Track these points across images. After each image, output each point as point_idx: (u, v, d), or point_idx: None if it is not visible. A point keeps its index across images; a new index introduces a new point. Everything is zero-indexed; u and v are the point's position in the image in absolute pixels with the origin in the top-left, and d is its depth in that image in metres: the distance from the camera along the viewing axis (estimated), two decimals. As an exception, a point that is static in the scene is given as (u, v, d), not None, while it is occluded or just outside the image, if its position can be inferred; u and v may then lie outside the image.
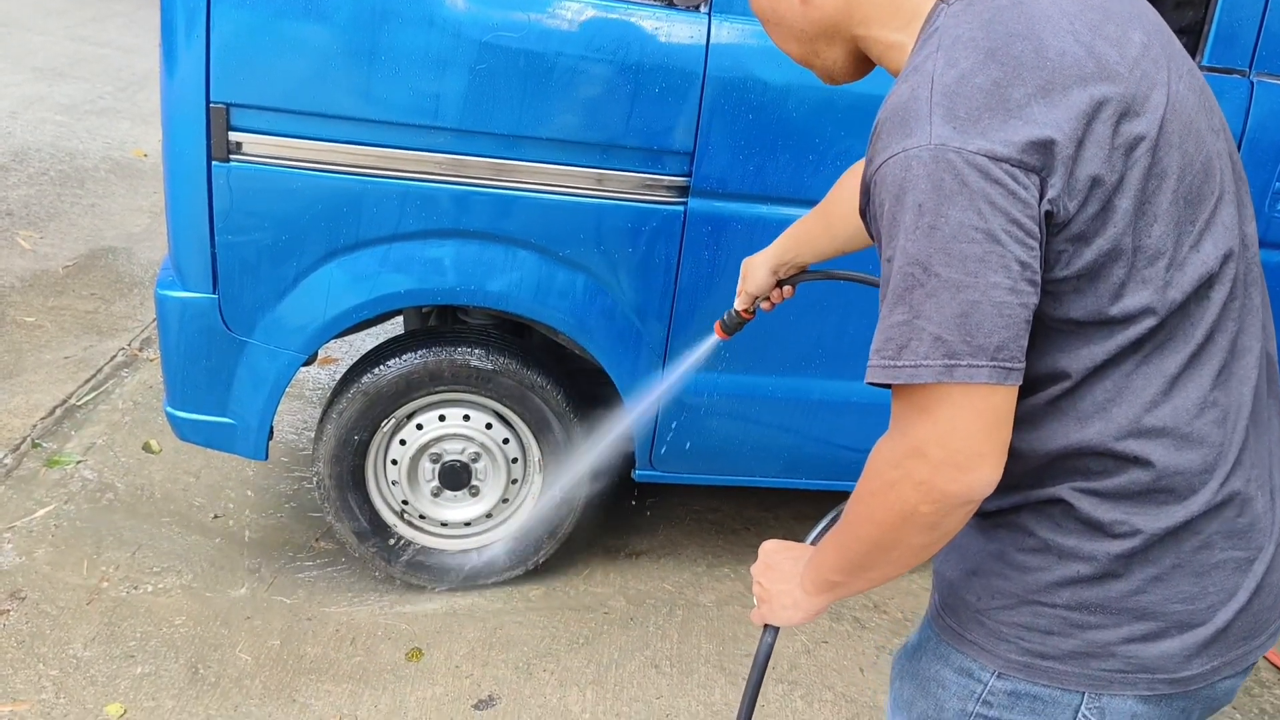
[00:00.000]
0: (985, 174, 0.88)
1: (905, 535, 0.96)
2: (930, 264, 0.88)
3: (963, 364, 0.88)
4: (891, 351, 0.91)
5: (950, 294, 0.88)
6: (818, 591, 1.11)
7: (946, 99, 0.90)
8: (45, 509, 2.79)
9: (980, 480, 0.92)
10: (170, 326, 2.26)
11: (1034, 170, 0.89)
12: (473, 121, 2.11)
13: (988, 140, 0.88)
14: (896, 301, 0.90)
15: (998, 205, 0.88)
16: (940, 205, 0.88)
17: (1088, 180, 0.91)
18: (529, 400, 2.45)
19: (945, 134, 0.88)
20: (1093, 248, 0.93)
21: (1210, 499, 1.00)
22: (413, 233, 2.21)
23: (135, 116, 6.29)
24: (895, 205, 0.90)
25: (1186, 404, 0.99)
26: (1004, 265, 0.88)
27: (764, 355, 2.43)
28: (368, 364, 2.41)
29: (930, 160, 0.88)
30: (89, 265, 4.31)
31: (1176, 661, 1.03)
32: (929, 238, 0.88)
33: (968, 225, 0.87)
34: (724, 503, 3.14)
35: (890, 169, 0.91)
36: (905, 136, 0.90)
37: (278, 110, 2.07)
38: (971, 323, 0.88)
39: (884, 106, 0.97)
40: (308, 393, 3.51)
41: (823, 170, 2.22)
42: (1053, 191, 0.90)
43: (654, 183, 2.22)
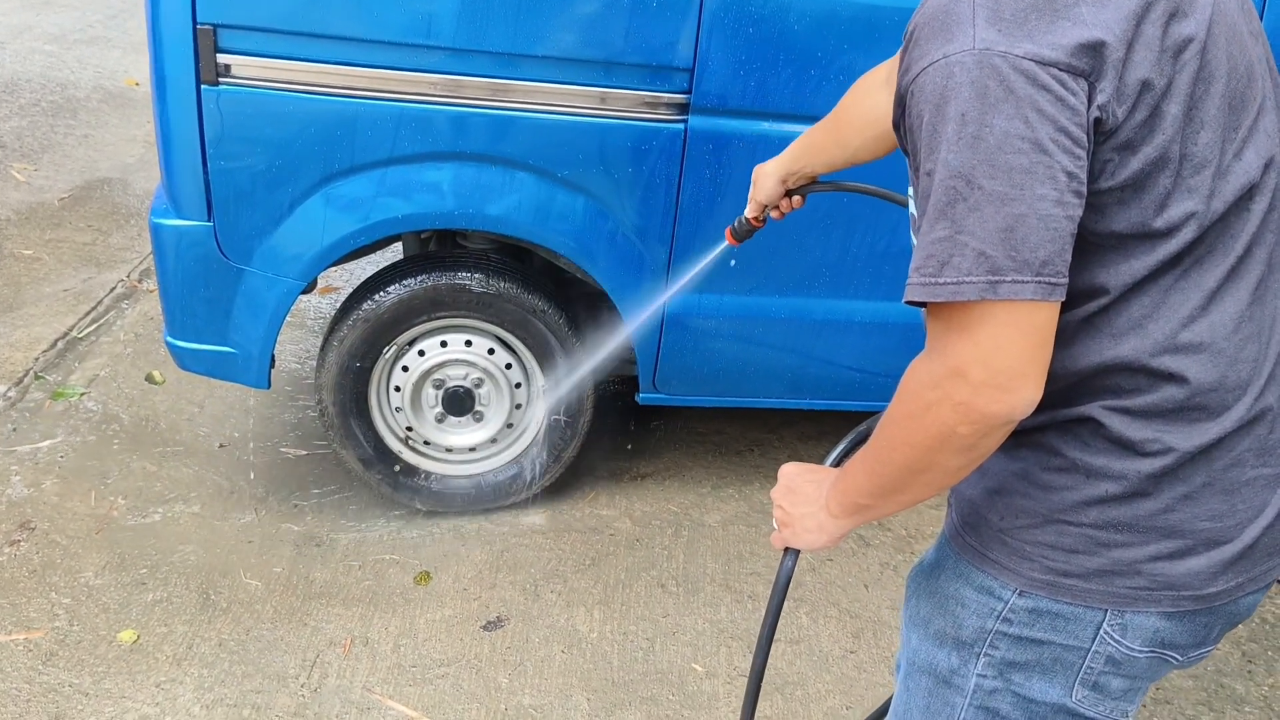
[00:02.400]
0: (1032, 79, 0.84)
1: (941, 458, 0.95)
2: (974, 176, 0.85)
3: (1007, 280, 0.85)
4: (932, 269, 0.88)
5: (995, 207, 0.85)
6: (845, 515, 1.09)
7: (991, 0, 0.86)
8: (51, 440, 2.80)
9: (1022, 400, 0.90)
10: (166, 255, 2.24)
11: (1083, 75, 0.85)
12: (468, 40, 2.07)
13: (1035, 43, 0.84)
14: (938, 217, 0.87)
15: (1045, 113, 0.84)
16: (985, 114, 0.84)
17: (1137, 84, 0.88)
18: (531, 325, 2.43)
19: (990, 37, 0.85)
20: (1139, 156, 0.90)
21: (1243, 415, 0.99)
22: (409, 156, 2.17)
23: (125, 45, 6.17)
24: (935, 115, 0.87)
25: (1224, 319, 0.97)
26: (1051, 176, 0.85)
27: (767, 276, 2.40)
28: (367, 291, 2.39)
29: (974, 66, 0.85)
30: (84, 197, 4.27)
31: (1203, 579, 1.02)
32: (972, 149, 0.85)
33: (1014, 135, 0.84)
34: (728, 425, 3.14)
35: (930, 77, 0.87)
36: (946, 41, 0.87)
37: (267, 30, 2.02)
38: (1017, 237, 0.85)
39: (920, 10, 0.93)
40: (309, 321, 3.49)
41: (825, 86, 2.17)
42: (1102, 97, 0.86)
43: (654, 100, 2.18)
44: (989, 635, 1.09)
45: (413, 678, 2.19)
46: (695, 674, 2.25)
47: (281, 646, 2.24)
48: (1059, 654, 1.06)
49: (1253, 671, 2.42)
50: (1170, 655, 1.07)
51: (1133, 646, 1.04)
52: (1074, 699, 1.08)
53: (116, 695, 2.09)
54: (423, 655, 2.25)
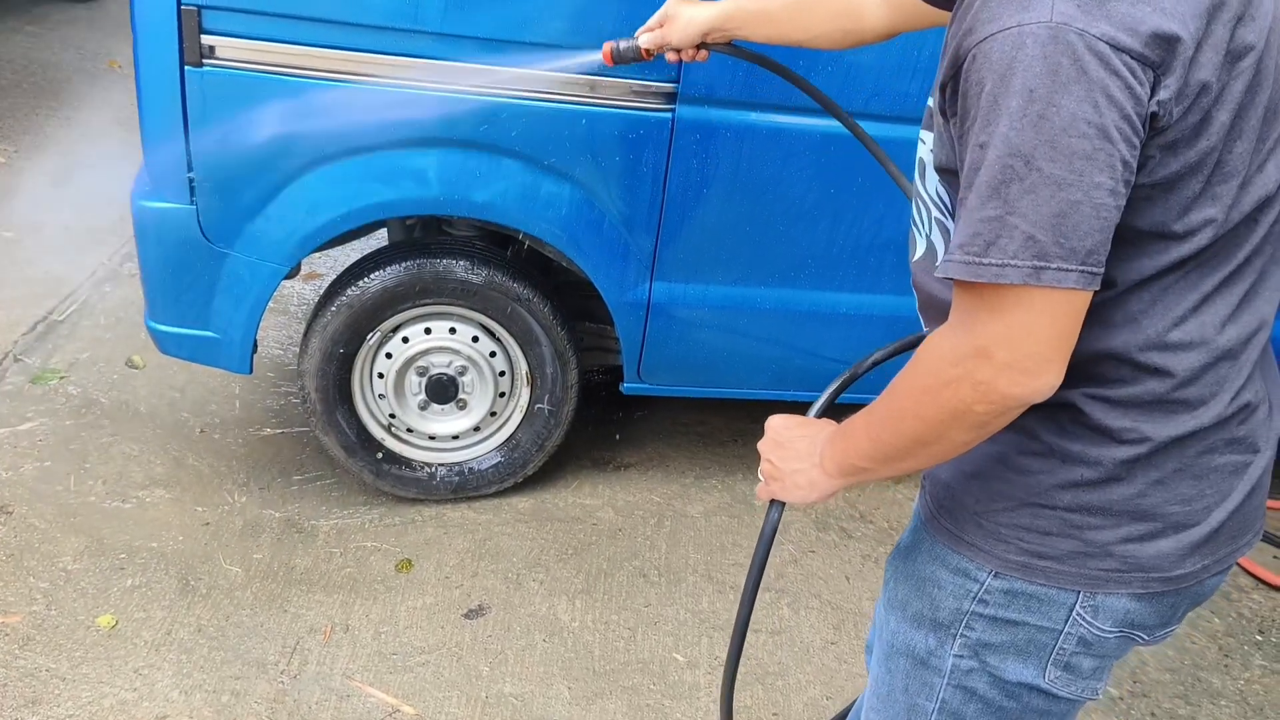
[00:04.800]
0: (1105, 63, 0.81)
1: (951, 432, 0.95)
2: (1034, 157, 0.83)
3: (1052, 267, 0.84)
4: (978, 248, 0.86)
5: (1051, 191, 0.83)
6: (840, 475, 1.08)
7: None
8: (30, 424, 2.77)
9: (1044, 385, 0.90)
10: (148, 238, 2.22)
11: (1153, 66, 0.83)
12: (455, 25, 2.05)
13: (1113, 25, 0.81)
14: (990, 195, 0.85)
15: (1114, 99, 0.82)
16: (1054, 93, 0.81)
17: (1198, 86, 0.86)
18: (515, 313, 2.42)
19: (1069, 12, 0.81)
20: (1179, 158, 0.89)
21: (1221, 412, 1.00)
22: (395, 141, 2.16)
23: (108, 27, 6.11)
24: (999, 86, 0.84)
25: (1213, 320, 0.97)
26: (1110, 165, 0.83)
27: (752, 266, 2.40)
28: (351, 277, 2.38)
29: (1049, 40, 0.81)
30: (65, 179, 4.22)
31: (1171, 560, 1.04)
32: (1036, 128, 0.82)
33: (1081, 118, 0.82)
34: (712, 415, 3.14)
35: (999, 44, 0.83)
36: (1022, 8, 0.83)
37: (251, 12, 2.00)
38: (1069, 224, 0.84)
39: None
40: (292, 308, 3.47)
41: (813, 77, 2.16)
42: (1164, 93, 0.84)
43: (641, 89, 2.17)
44: (965, 616, 1.10)
45: (393, 665, 2.18)
46: (676, 664, 2.25)
47: (261, 633, 2.22)
48: (1033, 635, 1.07)
49: (1229, 665, 2.44)
50: (1138, 635, 1.09)
51: (1103, 627, 1.06)
52: (1046, 679, 1.10)
53: (94, 680, 2.07)
54: (404, 643, 2.24)
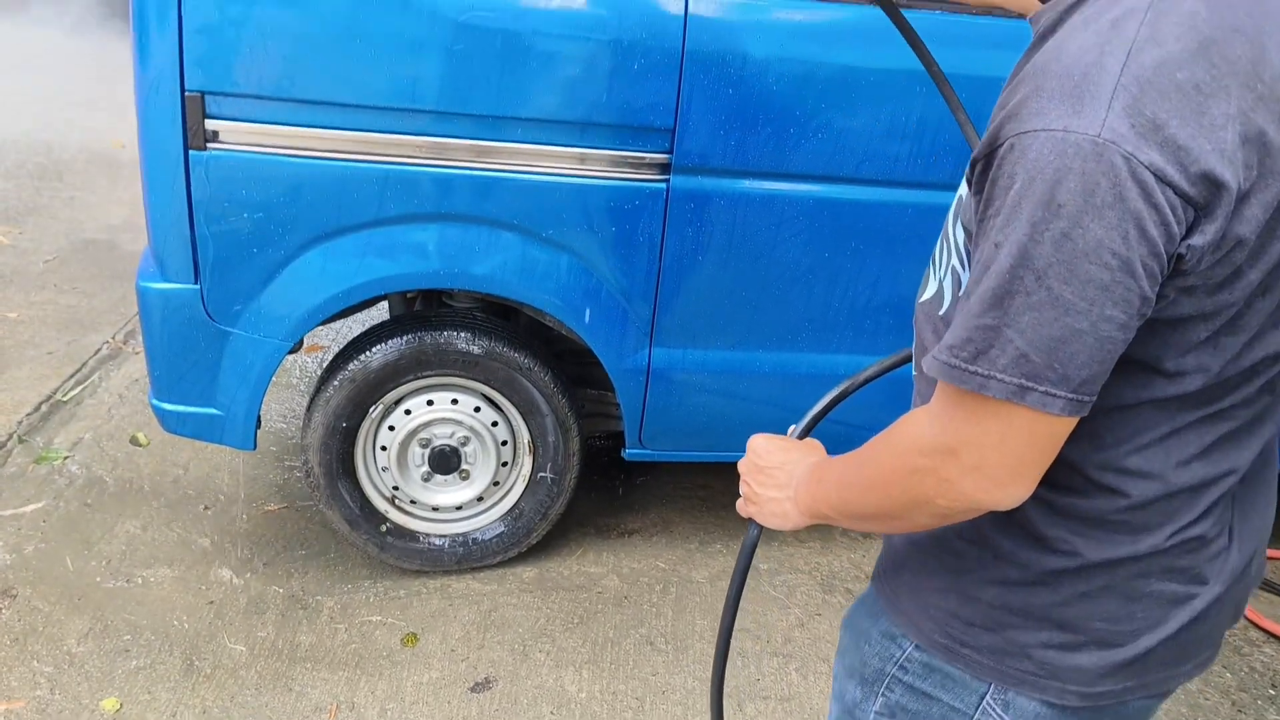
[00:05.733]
0: (1147, 194, 0.75)
1: (913, 514, 0.93)
2: (1046, 275, 0.77)
3: (1039, 390, 0.80)
4: (968, 354, 0.82)
5: (1056, 314, 0.78)
6: (809, 515, 1.08)
7: (1137, 85, 0.75)
8: (34, 505, 2.78)
9: (1011, 497, 0.87)
10: (153, 318, 2.25)
11: (1196, 207, 0.76)
12: (451, 103, 2.09)
13: (1164, 156, 0.74)
14: (991, 303, 0.80)
15: (1147, 234, 0.75)
16: (1084, 214, 0.75)
17: (1234, 240, 0.79)
18: (517, 383, 2.44)
19: (1121, 129, 0.74)
20: (1194, 304, 0.83)
21: (1158, 543, 0.95)
22: (394, 217, 2.19)
23: (112, 107, 6.21)
24: (1027, 189, 0.77)
25: (1180, 454, 0.92)
26: (1126, 299, 0.77)
27: (750, 330, 2.42)
28: (353, 351, 2.40)
29: (1092, 156, 0.74)
30: (70, 259, 4.28)
31: (1089, 676, 1.00)
32: (1057, 246, 0.76)
33: (1106, 247, 0.75)
34: (714, 479, 3.14)
35: (1038, 145, 0.76)
36: (1074, 111, 0.75)
37: (254, 97, 2.05)
38: (1067, 351, 0.78)
39: (1052, 48, 0.81)
40: (295, 381, 3.49)
41: (804, 144, 2.21)
42: (1199, 239, 0.77)
43: (636, 160, 2.21)
44: (886, 678, 1.10)
45: (400, 742, 2.16)
46: (685, 733, 2.24)
47: (266, 713, 2.21)
48: (946, 712, 1.06)
49: (1244, 721, 2.42)
50: None
51: None
52: None
53: (98, 765, 2.05)
54: None
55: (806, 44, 2.14)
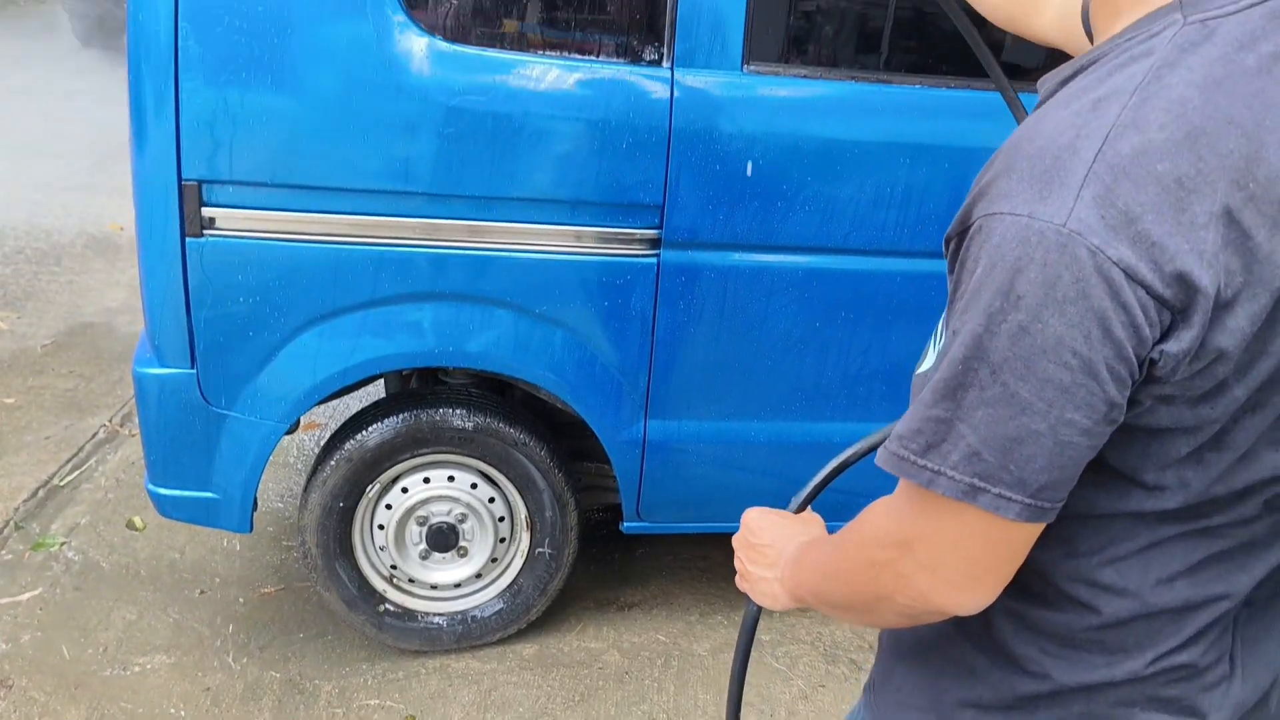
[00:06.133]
0: (1114, 292, 0.68)
1: (880, 610, 0.87)
2: (1001, 369, 0.71)
3: (992, 491, 0.74)
4: (918, 446, 0.77)
5: (1011, 412, 0.71)
6: (793, 599, 1.03)
7: (1111, 173, 0.68)
8: (30, 593, 2.76)
9: (970, 602, 0.81)
10: (149, 404, 2.26)
11: (1171, 310, 0.69)
12: (445, 185, 2.13)
13: (1136, 252, 0.68)
14: (944, 394, 0.75)
15: (1113, 335, 0.69)
16: (1043, 308, 0.69)
17: (1215, 352, 0.71)
18: (513, 458, 2.45)
19: (1088, 220, 0.68)
20: (1172, 415, 0.76)
21: (1137, 670, 0.86)
22: (389, 297, 2.22)
23: (110, 190, 6.30)
24: (988, 275, 0.72)
25: (1160, 572, 0.84)
26: (1089, 404, 0.71)
27: (744, 400, 2.43)
28: (350, 430, 2.41)
29: (1056, 246, 0.68)
30: (68, 343, 4.30)
31: None
32: (1014, 340, 0.70)
33: (1067, 345, 0.69)
34: (714, 549, 3.13)
35: (1002, 229, 0.71)
36: (1040, 197, 0.70)
37: (250, 184, 2.08)
38: (1023, 453, 0.72)
39: (1034, 127, 0.75)
40: (292, 459, 3.49)
41: (792, 216, 2.24)
42: (1174, 345, 0.71)
43: (626, 236, 2.24)
44: None
45: (400, 828, 2.13)
46: (690, 812, 2.20)
47: (264, 800, 2.18)
48: None
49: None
50: None
51: None
52: None
53: None
54: (410, 804, 2.19)
55: (789, 119, 2.19)
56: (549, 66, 2.11)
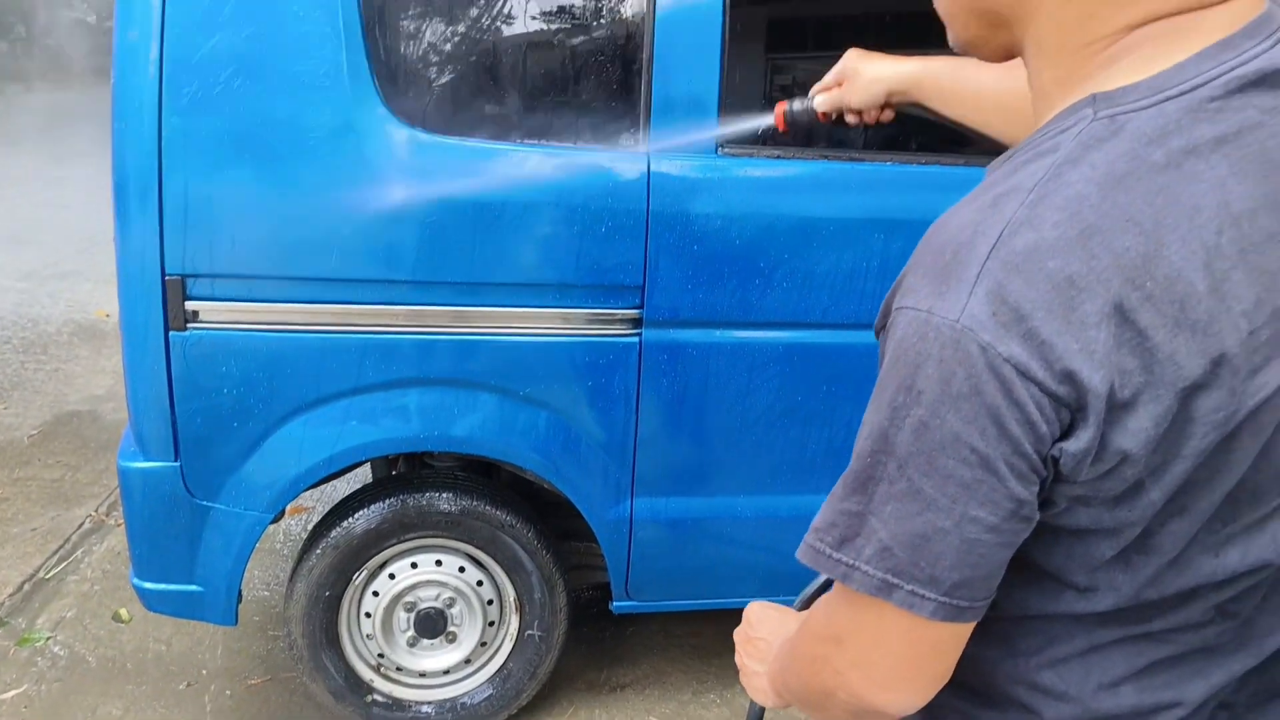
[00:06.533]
0: (1007, 389, 0.67)
1: (828, 708, 0.85)
2: (906, 465, 0.71)
3: (905, 588, 0.73)
4: (833, 540, 0.76)
5: (917, 507, 0.71)
6: (777, 696, 1.00)
7: (1003, 269, 0.67)
8: (15, 690, 2.72)
9: (901, 702, 0.79)
10: (133, 498, 2.25)
11: (1067, 407, 0.68)
12: (428, 273, 2.15)
13: (1026, 349, 0.66)
14: (855, 486, 0.75)
15: (1008, 432, 0.68)
16: (941, 404, 0.69)
17: (1118, 454, 0.69)
18: (500, 540, 2.44)
19: (980, 316, 0.67)
20: (1091, 516, 0.74)
21: None
22: (374, 384, 2.23)
23: (96, 277, 6.34)
24: (893, 368, 0.72)
25: (1102, 677, 0.81)
26: (992, 500, 0.70)
27: (730, 476, 2.44)
28: (335, 518, 2.40)
29: (950, 342, 0.68)
30: (54, 432, 4.29)
31: None
32: (916, 435, 0.70)
33: (964, 441, 0.69)
34: (705, 625, 3.10)
35: (906, 323, 0.72)
36: (938, 292, 0.70)
37: (234, 277, 2.10)
38: (932, 550, 0.71)
39: (941, 221, 0.75)
40: (279, 545, 3.47)
41: (771, 293, 2.27)
42: (1074, 444, 0.69)
43: (608, 317, 2.26)
44: None
45: None
46: None
47: None
48: None
49: None
50: None
51: None
52: None
53: None
54: None
55: (765, 198, 2.23)
56: (528, 154, 2.15)
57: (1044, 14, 0.74)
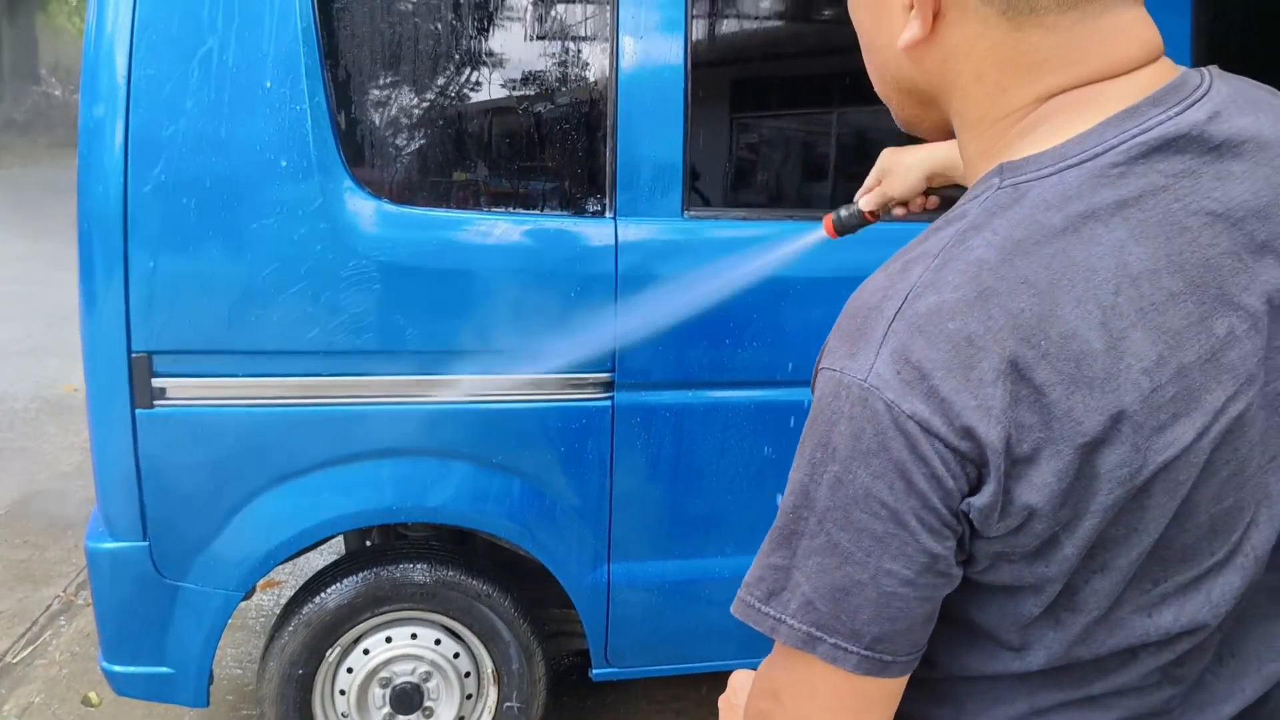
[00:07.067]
0: (912, 445, 0.69)
1: None
2: (825, 519, 0.73)
3: (828, 641, 0.74)
4: (761, 594, 0.78)
5: (836, 562, 0.73)
6: None
7: (907, 330, 0.70)
8: (-23, 783, 2.64)
9: None
10: (101, 579, 2.21)
11: (972, 462, 0.70)
12: (397, 342, 2.15)
13: (928, 405, 0.69)
14: (780, 541, 0.77)
15: (915, 487, 0.70)
16: (852, 459, 0.71)
17: (1025, 508, 0.70)
18: (477, 610, 2.40)
19: (886, 375, 0.70)
20: (1013, 572, 0.75)
21: None
22: (346, 457, 2.21)
23: (64, 352, 6.24)
24: (811, 427, 0.75)
25: None
26: (905, 554, 0.72)
27: (707, 538, 2.42)
28: (307, 594, 2.36)
29: (858, 400, 0.71)
30: (21, 512, 4.22)
31: None
32: (832, 490, 0.72)
33: (875, 496, 0.71)
34: (687, 689, 3.06)
35: (824, 382, 0.75)
36: (850, 353, 0.73)
37: (201, 353, 2.09)
38: (851, 603, 0.73)
39: (863, 284, 0.78)
40: (250, 620, 3.41)
41: (741, 353, 2.28)
42: (980, 499, 0.70)
43: (580, 381, 2.26)
44: None
45: None
46: None
47: None
48: None
49: None
50: None
51: None
52: None
53: None
54: None
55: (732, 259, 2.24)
56: (495, 221, 2.16)
57: (961, 91, 0.78)
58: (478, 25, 2.19)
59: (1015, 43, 0.74)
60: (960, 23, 0.75)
